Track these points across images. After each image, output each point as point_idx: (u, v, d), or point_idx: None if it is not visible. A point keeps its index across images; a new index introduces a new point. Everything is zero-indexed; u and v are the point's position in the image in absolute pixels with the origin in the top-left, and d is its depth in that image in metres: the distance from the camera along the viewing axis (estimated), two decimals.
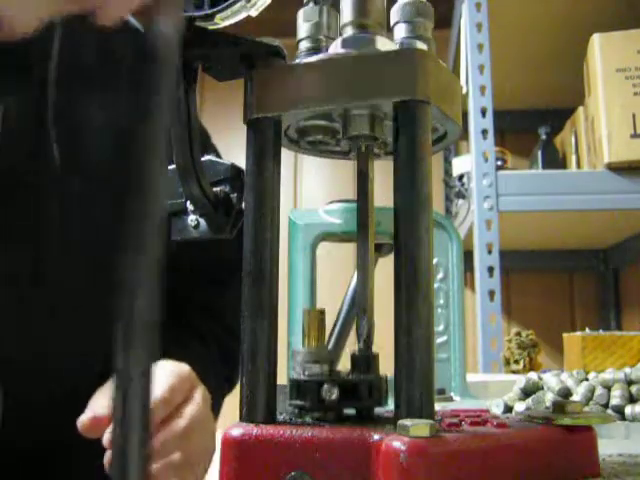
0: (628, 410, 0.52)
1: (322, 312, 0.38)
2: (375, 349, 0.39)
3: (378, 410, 0.39)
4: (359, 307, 0.39)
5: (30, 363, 0.66)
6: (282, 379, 0.38)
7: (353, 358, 0.37)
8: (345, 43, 0.37)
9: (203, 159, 0.43)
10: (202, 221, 0.44)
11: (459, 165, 1.90)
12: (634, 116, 1.45)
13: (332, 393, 0.35)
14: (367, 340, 0.38)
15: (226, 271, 0.79)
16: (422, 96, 0.34)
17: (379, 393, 0.36)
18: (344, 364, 0.39)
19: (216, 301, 0.82)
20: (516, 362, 1.31)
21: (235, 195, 0.43)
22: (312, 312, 0.38)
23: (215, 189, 0.44)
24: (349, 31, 0.37)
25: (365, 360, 0.37)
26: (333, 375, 0.36)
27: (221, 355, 0.77)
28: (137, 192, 0.28)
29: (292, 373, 0.36)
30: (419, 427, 0.30)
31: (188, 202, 0.44)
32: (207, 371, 0.68)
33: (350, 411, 0.38)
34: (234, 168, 0.44)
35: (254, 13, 0.38)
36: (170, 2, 0.28)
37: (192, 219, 0.44)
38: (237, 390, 0.36)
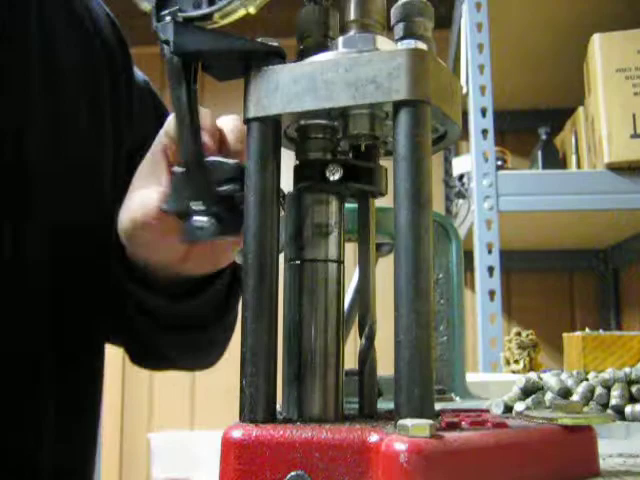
0: (628, 410, 0.52)
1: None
2: (375, 348, 0.39)
3: (378, 409, 0.39)
4: (360, 307, 0.39)
5: None
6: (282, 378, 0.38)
7: (354, 146, 0.39)
8: (345, 43, 0.37)
9: (208, 159, 0.43)
10: (209, 222, 0.44)
11: (459, 165, 1.90)
12: (634, 116, 1.45)
13: (336, 172, 0.35)
14: (370, 339, 0.38)
15: None
16: (422, 96, 0.34)
17: (379, 180, 0.38)
18: (346, 364, 0.39)
19: None
20: (516, 362, 1.31)
21: (241, 194, 0.43)
22: None
23: (219, 188, 0.44)
24: (349, 31, 0.37)
25: (366, 149, 0.39)
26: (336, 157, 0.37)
27: None
28: None
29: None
30: (419, 427, 0.30)
31: (195, 203, 0.44)
32: None
33: (351, 408, 0.38)
34: (239, 167, 0.44)
35: (253, 11, 0.38)
36: None
37: (199, 220, 0.44)
38: (237, 390, 0.36)
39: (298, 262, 0.37)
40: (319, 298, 0.37)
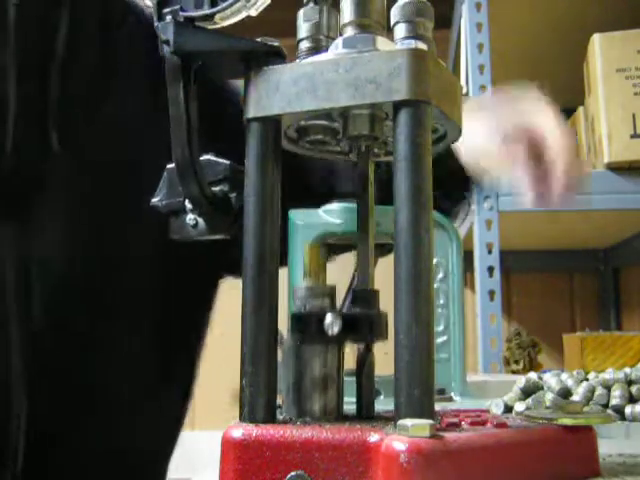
0: (628, 410, 0.52)
1: (323, 247, 0.38)
2: (375, 349, 0.39)
3: (378, 410, 0.39)
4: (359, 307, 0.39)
5: None
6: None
7: (354, 293, 0.37)
8: (345, 43, 0.37)
9: (202, 158, 0.43)
10: (201, 220, 0.44)
11: None
12: (634, 116, 1.45)
13: (335, 325, 0.34)
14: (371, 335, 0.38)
15: None
16: (422, 96, 0.34)
17: (380, 328, 0.36)
18: (345, 363, 0.39)
19: None
20: (516, 362, 1.31)
21: (234, 195, 0.43)
22: (313, 248, 0.38)
23: (214, 188, 0.44)
24: (349, 31, 0.37)
25: (365, 296, 0.37)
26: (334, 310, 0.36)
27: None
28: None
29: (293, 308, 0.36)
30: (419, 427, 0.30)
31: (187, 201, 0.44)
32: None
33: (350, 409, 0.38)
34: (233, 168, 0.44)
35: (254, 13, 0.38)
36: None
37: (190, 218, 0.44)
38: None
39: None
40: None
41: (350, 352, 0.39)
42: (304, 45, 0.39)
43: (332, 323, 0.34)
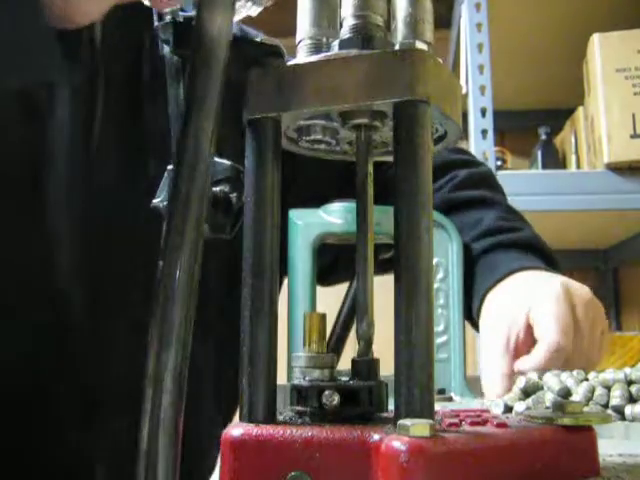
0: (628, 410, 0.52)
1: (323, 316, 0.38)
2: (375, 349, 0.39)
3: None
4: (359, 307, 0.39)
5: None
6: (282, 378, 0.38)
7: (354, 363, 0.37)
8: (345, 43, 0.37)
9: None
10: None
11: None
12: (634, 116, 1.45)
13: (333, 399, 0.35)
14: (367, 341, 0.38)
15: None
16: (422, 96, 0.34)
17: (380, 399, 0.36)
18: (344, 364, 0.39)
19: None
20: None
21: (235, 195, 0.43)
22: (313, 316, 0.38)
23: (215, 189, 0.44)
24: (349, 31, 0.37)
25: (366, 366, 0.37)
26: (334, 380, 0.36)
27: None
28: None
29: (293, 377, 0.36)
30: (419, 427, 0.30)
31: None
32: None
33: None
34: (233, 168, 0.44)
35: (254, 13, 0.38)
36: None
37: None
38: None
39: None
40: None
41: (350, 351, 0.39)
42: (304, 45, 0.39)
43: (330, 397, 0.35)
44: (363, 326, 0.38)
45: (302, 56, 0.38)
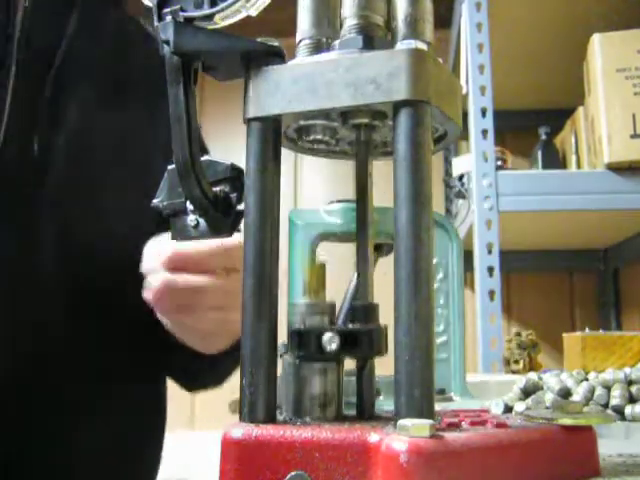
0: (628, 410, 0.52)
1: (322, 266, 0.38)
2: None
3: (378, 410, 0.39)
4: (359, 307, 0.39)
5: None
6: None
7: (353, 309, 0.38)
8: (345, 43, 0.37)
9: (202, 159, 0.43)
10: (202, 221, 0.44)
11: (459, 165, 1.90)
12: (634, 116, 1.45)
13: (333, 342, 0.35)
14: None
15: None
16: (422, 96, 0.34)
17: (379, 343, 0.36)
18: (345, 365, 0.39)
19: None
20: (516, 362, 1.31)
21: (235, 195, 0.43)
22: (313, 266, 0.38)
23: (215, 189, 0.44)
24: (349, 31, 0.37)
25: (365, 310, 0.37)
26: (333, 326, 0.36)
27: None
28: None
29: (292, 324, 0.37)
30: (419, 427, 0.30)
31: (188, 202, 0.44)
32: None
33: (350, 410, 0.38)
34: (234, 168, 0.44)
35: (254, 13, 0.38)
36: None
37: (192, 219, 0.44)
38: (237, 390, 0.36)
39: None
40: None
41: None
42: (304, 45, 0.39)
43: (330, 340, 0.35)
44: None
45: (302, 56, 0.38)
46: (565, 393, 0.55)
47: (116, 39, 0.78)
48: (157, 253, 0.61)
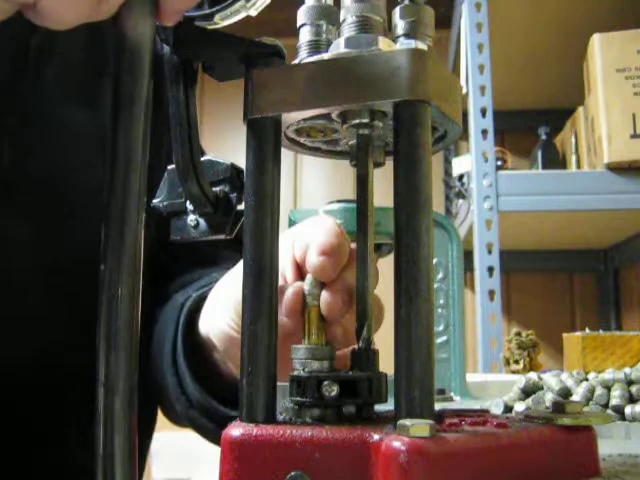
0: (628, 410, 0.52)
1: (318, 309, 0.38)
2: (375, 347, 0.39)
3: (378, 410, 0.39)
4: (359, 307, 0.39)
5: None
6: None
7: (353, 355, 0.38)
8: (345, 43, 0.37)
9: (202, 159, 0.43)
10: (202, 221, 0.44)
11: (459, 165, 1.90)
12: (634, 116, 1.45)
13: (332, 390, 0.35)
14: (367, 341, 0.38)
15: (218, 251, 0.78)
16: (422, 96, 0.34)
17: (379, 390, 0.36)
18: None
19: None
20: (516, 362, 1.31)
21: (235, 195, 0.43)
22: (312, 309, 0.38)
23: (215, 189, 0.44)
24: (349, 31, 0.37)
25: (365, 357, 0.37)
26: (333, 372, 0.36)
27: None
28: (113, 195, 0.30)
29: (292, 370, 0.37)
30: (419, 427, 0.30)
31: (188, 202, 0.44)
32: None
33: (350, 410, 0.38)
34: (234, 168, 0.44)
35: (254, 13, 0.38)
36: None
37: (192, 219, 0.44)
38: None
39: None
40: None
41: (350, 351, 0.39)
42: (304, 45, 0.39)
43: (330, 387, 0.35)
44: (363, 327, 0.38)
45: (302, 56, 0.38)
46: (565, 393, 0.55)
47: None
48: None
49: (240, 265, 0.42)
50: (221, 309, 0.57)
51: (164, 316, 0.68)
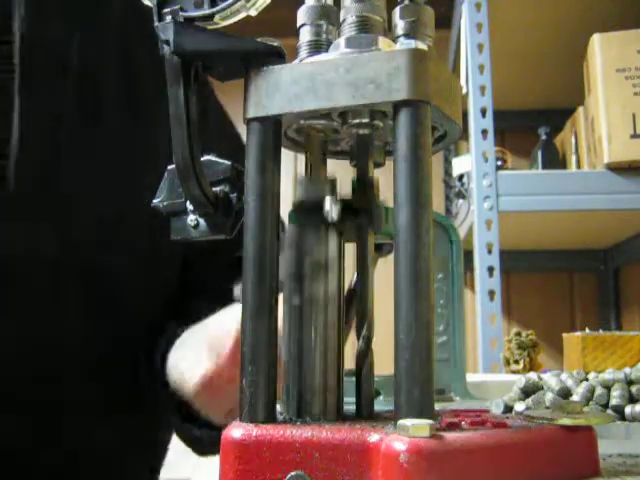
0: (628, 410, 0.52)
1: (325, 142, 0.39)
2: (375, 350, 0.39)
3: (378, 410, 0.39)
4: (359, 307, 0.39)
5: None
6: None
7: (353, 184, 0.38)
8: (345, 43, 0.37)
9: (202, 159, 0.43)
10: (202, 221, 0.44)
11: (459, 165, 1.90)
12: (634, 116, 1.45)
13: (334, 209, 0.35)
14: (367, 341, 0.38)
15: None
16: (422, 96, 0.34)
17: (379, 218, 0.37)
18: (344, 365, 0.39)
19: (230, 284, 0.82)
20: (516, 362, 1.31)
21: (235, 195, 0.43)
22: (314, 140, 0.39)
23: (215, 189, 0.44)
24: (349, 31, 0.37)
25: (364, 186, 0.38)
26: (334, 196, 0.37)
27: None
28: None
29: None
30: (419, 427, 0.30)
31: (188, 202, 0.44)
32: None
33: (350, 409, 0.38)
34: (234, 168, 0.44)
35: (254, 13, 0.38)
36: None
37: (192, 219, 0.44)
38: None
39: (297, 302, 0.37)
40: (318, 336, 0.37)
41: (349, 351, 0.39)
42: (304, 45, 0.39)
43: (331, 208, 0.35)
44: (363, 326, 0.38)
45: (302, 56, 0.38)
46: (565, 393, 0.55)
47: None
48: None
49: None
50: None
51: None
